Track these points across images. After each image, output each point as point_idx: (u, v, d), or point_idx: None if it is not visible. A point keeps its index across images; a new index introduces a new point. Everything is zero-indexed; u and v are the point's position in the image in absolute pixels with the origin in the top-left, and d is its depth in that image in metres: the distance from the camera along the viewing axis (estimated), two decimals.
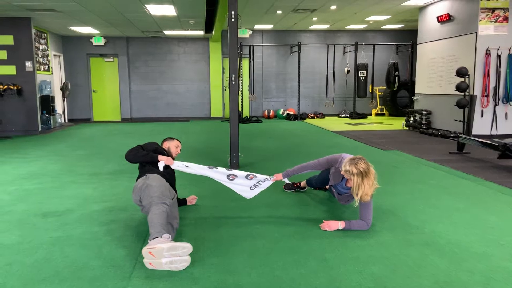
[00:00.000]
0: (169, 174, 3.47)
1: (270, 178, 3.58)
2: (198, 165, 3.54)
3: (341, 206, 3.78)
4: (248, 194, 3.57)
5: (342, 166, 3.21)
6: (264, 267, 2.53)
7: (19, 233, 3.15)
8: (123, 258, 2.67)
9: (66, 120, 12.65)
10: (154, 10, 8.87)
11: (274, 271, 2.47)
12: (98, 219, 3.46)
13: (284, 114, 13.26)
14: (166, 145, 3.76)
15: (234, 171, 3.56)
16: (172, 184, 3.48)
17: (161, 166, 3.40)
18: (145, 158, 3.41)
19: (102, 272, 2.47)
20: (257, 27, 12.67)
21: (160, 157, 3.43)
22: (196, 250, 2.69)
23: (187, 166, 3.49)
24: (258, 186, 3.57)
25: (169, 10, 8.91)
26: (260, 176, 3.58)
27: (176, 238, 2.90)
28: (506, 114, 8.00)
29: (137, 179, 3.35)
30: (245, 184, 3.54)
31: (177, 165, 3.47)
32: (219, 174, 3.52)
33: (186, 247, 2.52)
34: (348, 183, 3.36)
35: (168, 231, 2.70)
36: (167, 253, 2.46)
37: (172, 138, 3.81)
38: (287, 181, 3.82)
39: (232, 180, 3.52)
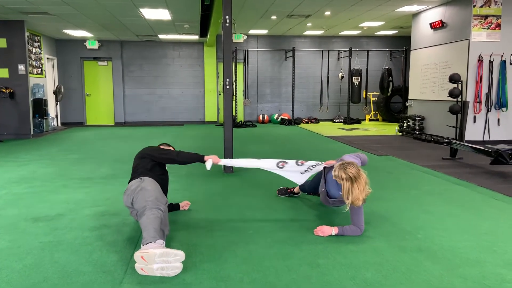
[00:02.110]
0: (163, 180, 3.43)
1: (322, 163, 3.61)
2: (245, 159, 3.69)
3: (334, 212, 3.77)
4: (299, 179, 3.60)
5: (333, 171, 3.20)
6: (257, 273, 2.51)
7: (8, 238, 3.11)
8: (114, 264, 2.64)
9: (59, 124, 12.56)
10: (149, 14, 8.86)
11: (267, 277, 2.45)
12: (90, 224, 3.42)
13: (279, 119, 13.27)
14: None
15: (284, 159, 3.61)
16: (165, 190, 3.44)
17: (209, 165, 3.37)
18: (192, 158, 3.42)
19: (92, 278, 2.44)
20: (251, 32, 12.71)
21: (206, 156, 3.43)
22: (188, 256, 2.67)
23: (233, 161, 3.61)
24: (309, 171, 3.60)
25: (163, 14, 8.90)
26: (310, 162, 3.62)
27: (168, 244, 2.87)
28: (498, 120, 8.06)
29: (129, 181, 3.31)
30: (296, 170, 3.57)
31: (224, 162, 3.54)
32: (268, 163, 3.57)
33: (178, 255, 2.49)
34: None
35: (161, 237, 2.68)
36: (159, 259, 2.44)
37: (168, 145, 3.78)
38: None
39: (282, 167, 3.55)
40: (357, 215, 3.13)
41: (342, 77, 13.29)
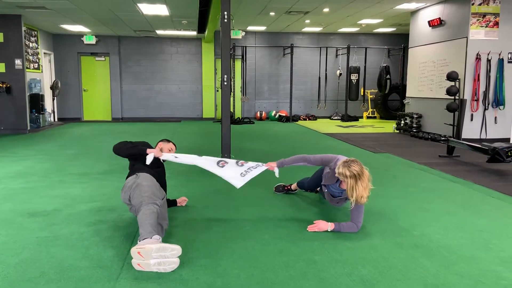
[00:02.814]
0: (159, 174, 3.43)
1: (262, 165, 3.55)
2: (187, 155, 3.54)
3: (332, 209, 3.77)
4: (239, 181, 3.45)
5: (336, 169, 3.21)
6: (254, 269, 2.52)
7: (4, 232, 3.10)
8: (111, 259, 2.63)
9: (56, 119, 12.51)
10: (147, 9, 8.82)
11: (263, 273, 2.46)
12: (86, 219, 3.41)
13: (276, 116, 13.26)
14: (159, 146, 3.72)
15: (224, 158, 3.55)
16: (163, 184, 3.44)
17: (149, 159, 3.32)
18: (132, 150, 3.37)
19: (89, 273, 2.43)
20: (250, 28, 12.67)
21: (148, 149, 3.39)
22: (185, 252, 2.67)
23: (176, 157, 3.48)
24: (249, 172, 3.50)
25: (161, 10, 8.86)
26: (251, 163, 3.54)
27: (165, 239, 2.87)
28: (495, 118, 8.08)
29: (127, 178, 3.31)
30: (236, 171, 3.49)
31: (166, 156, 3.44)
32: (208, 161, 3.50)
33: (175, 249, 2.49)
34: (342, 185, 3.36)
35: (158, 232, 2.67)
36: (155, 254, 2.43)
37: (168, 141, 3.76)
38: (277, 173, 3.64)
39: (222, 167, 3.48)
40: (357, 211, 3.14)
41: (340, 74, 13.28)
